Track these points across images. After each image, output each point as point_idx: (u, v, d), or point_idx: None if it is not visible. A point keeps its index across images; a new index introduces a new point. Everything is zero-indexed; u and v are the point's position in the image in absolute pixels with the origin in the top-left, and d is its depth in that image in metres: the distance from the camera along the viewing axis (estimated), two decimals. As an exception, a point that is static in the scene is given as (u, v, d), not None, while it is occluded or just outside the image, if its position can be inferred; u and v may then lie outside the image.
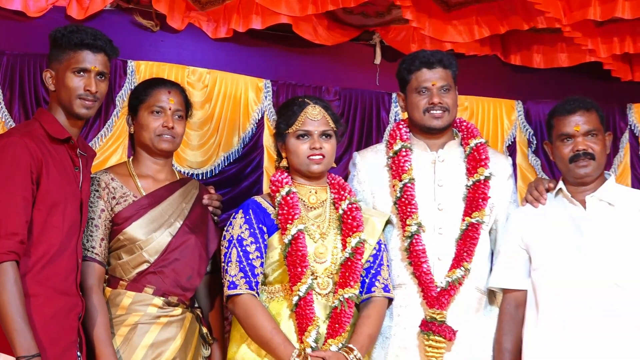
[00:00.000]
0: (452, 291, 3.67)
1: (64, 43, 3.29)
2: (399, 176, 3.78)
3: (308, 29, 4.93)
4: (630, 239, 3.62)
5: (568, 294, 3.59)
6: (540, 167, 5.38)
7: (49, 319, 3.11)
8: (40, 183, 3.13)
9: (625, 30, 4.94)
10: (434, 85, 3.78)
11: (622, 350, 3.51)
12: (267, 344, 3.42)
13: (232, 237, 3.54)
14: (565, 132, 3.68)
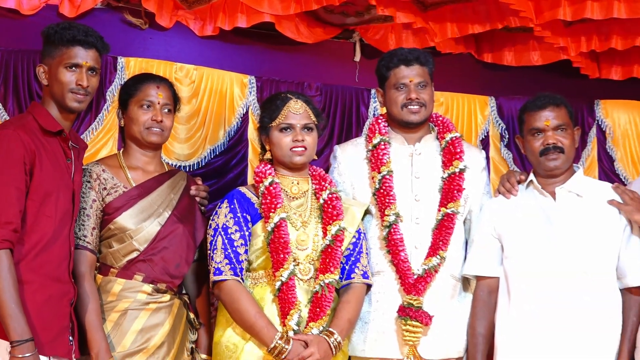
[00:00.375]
0: (428, 278, 3.68)
1: (57, 39, 3.27)
2: (378, 168, 3.79)
3: (291, 28, 4.93)
4: (598, 229, 3.64)
5: (538, 281, 3.60)
6: (512, 160, 5.39)
7: (42, 305, 3.10)
8: (33, 174, 3.12)
9: (593, 29, 4.95)
10: (412, 82, 3.78)
11: (589, 337, 3.54)
12: (251, 327, 3.43)
13: (218, 226, 3.54)
14: (535, 126, 3.69)
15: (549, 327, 3.54)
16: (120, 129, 3.74)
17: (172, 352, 3.53)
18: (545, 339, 3.54)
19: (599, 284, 3.60)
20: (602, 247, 3.63)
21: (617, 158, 5.52)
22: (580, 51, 5.06)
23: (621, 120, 5.51)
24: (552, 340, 3.53)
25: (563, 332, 3.53)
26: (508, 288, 3.68)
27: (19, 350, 2.96)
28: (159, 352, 3.48)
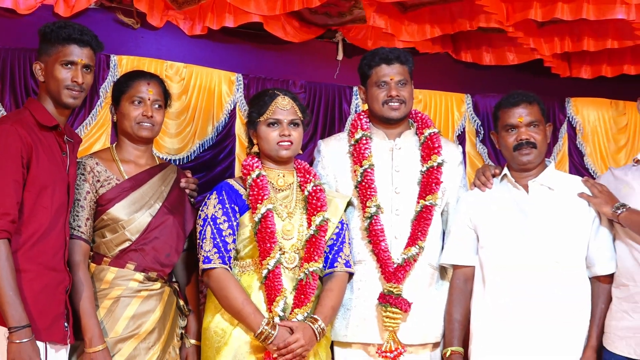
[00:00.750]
0: (407, 267, 3.69)
1: (53, 37, 3.26)
2: (360, 162, 3.79)
3: (276, 27, 4.92)
4: (569, 220, 3.66)
5: (512, 270, 3.62)
6: (487, 154, 5.41)
7: (38, 292, 3.10)
8: (30, 167, 3.11)
9: (565, 31, 4.96)
10: (392, 80, 3.79)
11: (561, 324, 3.56)
12: (239, 313, 3.43)
13: (207, 216, 3.53)
14: (509, 123, 3.70)
15: (522, 313, 3.56)
16: (113, 124, 3.73)
17: (163, 338, 3.53)
18: (519, 325, 3.55)
19: (569, 273, 3.62)
20: (572, 238, 3.65)
21: (587, 153, 5.54)
22: (553, 52, 5.07)
23: (590, 117, 5.54)
24: (525, 326, 3.55)
25: (535, 319, 3.55)
26: (483, 276, 3.69)
27: (17, 336, 2.96)
28: (150, 337, 3.48)
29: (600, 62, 5.32)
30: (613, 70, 5.34)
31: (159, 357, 3.50)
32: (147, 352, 3.47)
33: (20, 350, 2.96)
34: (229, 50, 5.05)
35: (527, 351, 3.53)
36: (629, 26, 4.66)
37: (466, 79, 5.46)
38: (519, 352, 3.54)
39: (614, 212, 3.58)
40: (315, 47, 5.22)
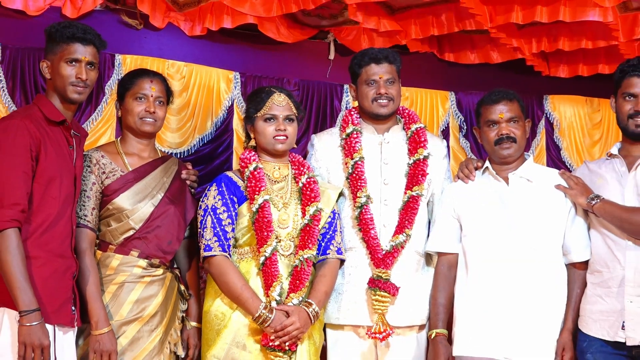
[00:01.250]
0: (395, 253, 3.70)
1: (58, 37, 3.25)
2: (351, 155, 3.80)
3: (272, 28, 4.90)
4: (546, 210, 3.67)
5: (493, 257, 3.62)
6: (469, 148, 5.40)
7: (47, 278, 3.09)
8: (39, 160, 3.11)
9: (543, 32, 4.96)
10: (381, 78, 3.79)
11: (539, 307, 3.57)
12: (237, 298, 3.43)
13: (207, 207, 3.53)
14: (491, 118, 3.70)
15: (503, 298, 3.57)
16: (118, 119, 3.72)
17: (165, 321, 3.53)
18: (499, 309, 3.56)
19: (546, 260, 3.63)
20: (549, 227, 3.66)
21: (563, 147, 5.54)
22: (531, 52, 5.07)
23: (567, 114, 5.54)
24: (506, 310, 3.55)
25: (515, 303, 3.56)
26: (466, 263, 3.69)
27: (27, 319, 2.96)
28: (153, 320, 3.48)
29: (576, 61, 5.32)
30: (589, 70, 5.34)
31: (162, 339, 3.50)
32: (150, 334, 3.47)
33: (30, 332, 2.96)
34: (227, 50, 5.03)
35: (507, 333, 3.54)
36: (603, 28, 4.67)
37: (450, 78, 5.45)
38: (499, 335, 3.54)
39: (588, 203, 3.58)
40: (308, 47, 5.20)
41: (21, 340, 2.97)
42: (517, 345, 3.53)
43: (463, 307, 3.66)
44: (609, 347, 3.55)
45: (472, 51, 5.30)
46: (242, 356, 3.46)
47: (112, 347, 3.32)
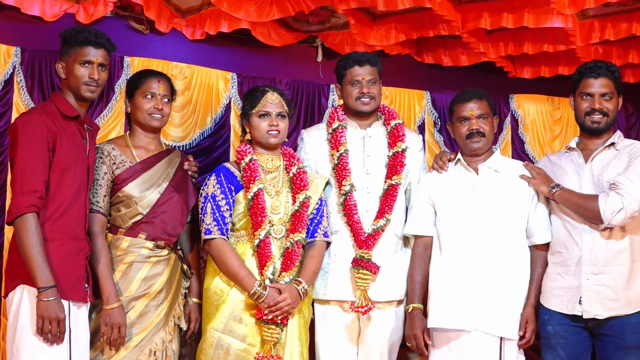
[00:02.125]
0: (376, 236, 3.70)
1: (72, 41, 3.24)
2: (337, 148, 3.79)
3: (264, 33, 4.90)
4: (511, 197, 3.68)
5: (464, 239, 3.63)
6: (443, 142, 5.41)
7: (62, 258, 3.09)
8: (55, 151, 3.10)
9: (508, 36, 4.97)
10: (364, 79, 3.78)
11: (505, 284, 3.58)
12: (235, 276, 3.44)
13: (207, 195, 3.52)
14: (463, 115, 3.71)
15: (473, 275, 3.57)
16: (127, 114, 3.70)
17: (170, 296, 3.53)
18: (470, 285, 3.56)
19: (512, 242, 3.64)
20: (514, 212, 3.66)
21: (527, 141, 5.56)
22: (499, 55, 5.08)
23: (530, 111, 5.55)
24: (475, 286, 3.56)
25: (483, 280, 3.56)
26: (440, 245, 3.69)
27: (45, 295, 2.97)
28: (159, 296, 3.48)
29: (539, 64, 5.33)
30: (550, 71, 5.35)
31: (167, 313, 3.50)
32: (156, 308, 3.47)
33: (47, 306, 2.97)
34: (225, 53, 5.02)
35: (476, 307, 3.54)
36: (563, 33, 4.68)
37: (425, 78, 5.45)
38: (469, 308, 3.54)
39: (549, 191, 3.59)
40: (298, 51, 5.20)
41: (39, 313, 2.98)
42: (485, 317, 3.53)
43: (437, 284, 3.66)
44: (567, 319, 3.57)
45: (445, 54, 5.30)
46: (238, 328, 3.46)
47: (122, 320, 3.32)
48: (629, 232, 3.51)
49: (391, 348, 3.81)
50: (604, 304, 3.48)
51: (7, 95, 4.41)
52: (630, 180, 3.40)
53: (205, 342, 3.49)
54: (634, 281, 3.49)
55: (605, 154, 3.61)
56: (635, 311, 3.48)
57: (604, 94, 3.59)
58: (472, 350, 3.53)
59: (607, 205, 3.40)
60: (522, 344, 3.60)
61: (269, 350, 3.42)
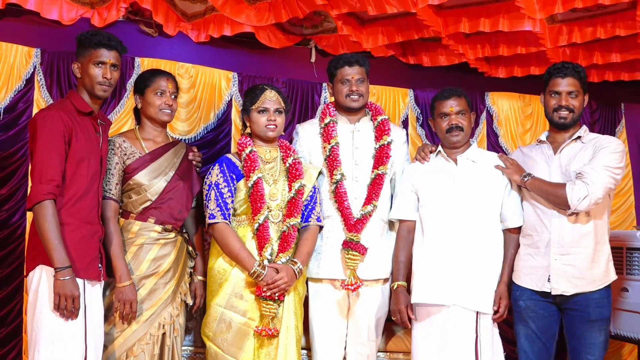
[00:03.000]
0: (364, 220, 3.70)
1: (87, 43, 3.22)
2: (328, 141, 3.78)
3: (264, 36, 4.89)
4: (487, 185, 3.68)
5: (444, 223, 3.62)
6: (424, 136, 5.40)
7: (78, 241, 3.09)
8: (70, 143, 3.09)
9: (485, 39, 4.97)
10: (353, 78, 3.76)
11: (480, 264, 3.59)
12: (236, 257, 3.43)
13: (211, 183, 3.50)
14: (443, 111, 3.69)
15: (452, 256, 3.57)
16: (135, 109, 3.67)
17: (177, 275, 3.52)
18: (449, 265, 3.56)
19: (487, 226, 3.64)
20: (490, 199, 3.66)
21: (501, 135, 5.54)
22: (477, 56, 5.07)
23: (504, 107, 5.54)
24: (454, 265, 3.56)
25: (462, 260, 3.56)
26: (422, 228, 3.69)
27: (61, 275, 2.97)
28: (167, 274, 3.47)
29: (512, 64, 5.33)
30: (522, 71, 5.35)
31: (174, 290, 3.49)
32: (164, 286, 3.46)
33: (63, 285, 2.97)
34: (226, 54, 5.00)
35: (455, 284, 3.54)
36: (534, 36, 4.67)
37: (409, 77, 5.44)
38: (449, 285, 3.54)
39: (522, 180, 3.59)
40: (294, 52, 5.18)
41: (56, 291, 2.98)
42: (463, 294, 3.53)
43: (420, 264, 3.65)
44: (537, 295, 3.59)
45: (426, 55, 5.29)
46: (239, 304, 3.46)
47: (133, 297, 3.31)
48: (593, 217, 3.51)
49: (378, 322, 3.81)
50: (570, 282, 3.50)
51: (29, 93, 4.40)
52: (594, 170, 3.42)
53: (209, 316, 3.49)
54: (597, 261, 3.51)
55: (572, 146, 3.61)
56: (598, 288, 3.50)
57: (570, 92, 3.59)
58: (451, 323, 3.53)
59: (573, 192, 3.41)
60: (496, 317, 3.61)
61: (267, 324, 3.42)
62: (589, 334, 3.51)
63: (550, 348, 3.65)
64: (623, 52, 4.94)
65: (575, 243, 3.51)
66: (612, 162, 3.45)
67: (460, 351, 3.50)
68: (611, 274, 3.55)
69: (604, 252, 3.54)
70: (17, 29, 4.40)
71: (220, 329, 3.45)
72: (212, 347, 3.47)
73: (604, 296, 3.50)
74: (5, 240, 4.30)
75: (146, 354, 3.37)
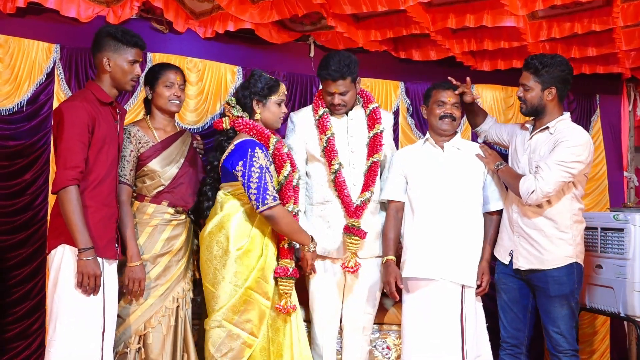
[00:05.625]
0: (364, 207, 3.72)
1: (124, 41, 3.21)
2: (324, 132, 3.73)
3: (266, 32, 4.87)
4: (470, 171, 3.74)
5: (432, 203, 3.67)
6: (414, 125, 5.39)
7: (97, 222, 3.11)
8: (93, 132, 3.10)
9: (471, 35, 4.96)
10: (336, 92, 3.68)
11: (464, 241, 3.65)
12: (298, 233, 3.41)
13: (262, 166, 3.28)
14: (441, 100, 3.74)
15: (440, 235, 3.63)
16: (145, 100, 3.69)
17: (187, 253, 3.57)
18: (437, 242, 3.62)
19: (470, 207, 3.70)
20: (472, 184, 3.73)
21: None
22: (463, 50, 5.07)
23: (488, 98, 5.53)
24: (442, 243, 3.62)
25: (449, 238, 3.62)
26: (412, 208, 3.73)
27: (84, 255, 2.99)
28: (180, 253, 3.52)
29: (496, 58, 5.31)
30: (505, 65, 5.33)
31: (185, 266, 3.54)
32: (177, 263, 3.51)
33: (86, 264, 2.99)
34: (232, 50, 4.98)
35: (443, 260, 3.60)
36: (516, 32, 4.68)
37: (400, 71, 5.42)
38: (437, 261, 3.60)
39: (495, 168, 3.69)
40: (294, 47, 5.16)
41: (79, 270, 3.00)
42: (449, 268, 3.59)
43: (410, 241, 3.70)
44: (506, 268, 3.72)
45: (416, 50, 5.30)
46: (265, 287, 3.38)
47: (142, 276, 3.35)
48: (554, 202, 3.55)
49: (373, 296, 3.84)
50: (526, 259, 3.60)
51: (49, 86, 4.39)
52: (547, 166, 3.44)
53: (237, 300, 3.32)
54: (556, 243, 3.56)
55: (540, 136, 3.64)
56: (555, 267, 3.55)
57: (523, 85, 3.65)
58: (439, 296, 3.60)
59: (523, 186, 3.48)
60: (479, 291, 3.67)
61: (287, 302, 3.40)
62: (552, 309, 3.57)
63: (524, 319, 3.73)
64: (598, 46, 4.92)
65: (533, 224, 3.58)
66: (567, 157, 3.43)
67: (447, 321, 3.57)
68: (574, 255, 3.57)
69: (566, 234, 3.56)
70: (38, 26, 4.39)
71: (247, 312, 3.33)
72: (234, 329, 3.31)
73: (563, 274, 3.54)
74: (29, 222, 4.32)
75: (163, 326, 3.41)
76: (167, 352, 3.40)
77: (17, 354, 4.30)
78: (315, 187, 3.80)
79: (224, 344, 3.31)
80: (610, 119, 5.77)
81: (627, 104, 5.79)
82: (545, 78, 3.58)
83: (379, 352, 4.03)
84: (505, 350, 3.77)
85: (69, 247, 3.05)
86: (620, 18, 4.34)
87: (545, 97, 3.60)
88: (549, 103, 3.61)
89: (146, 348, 3.37)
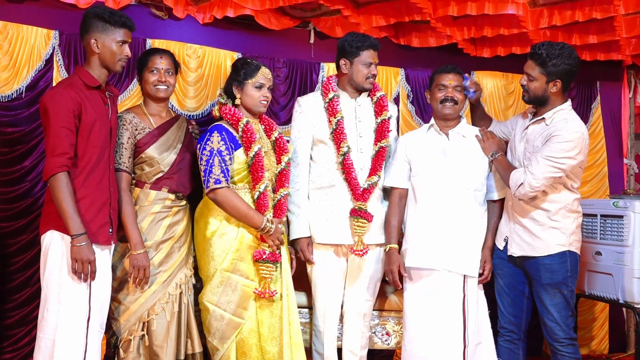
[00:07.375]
0: (371, 190, 3.66)
1: (111, 22, 3.09)
2: (334, 115, 3.67)
3: (265, 18, 4.77)
4: (475, 158, 3.66)
5: (436, 192, 3.60)
6: (415, 112, 5.33)
7: (89, 207, 3.04)
8: (81, 118, 3.00)
9: (471, 22, 4.90)
10: (374, 62, 3.69)
11: (467, 229, 3.60)
12: (246, 215, 3.34)
13: (213, 149, 3.31)
14: (442, 83, 3.64)
15: (443, 224, 3.56)
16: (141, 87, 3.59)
17: (188, 239, 3.51)
18: (440, 232, 3.55)
19: (474, 195, 3.62)
20: (476, 171, 3.64)
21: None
22: (463, 37, 5.02)
23: (488, 85, 5.46)
24: (444, 233, 3.55)
25: (451, 227, 3.55)
26: (415, 196, 3.65)
27: (77, 241, 2.93)
28: (181, 239, 3.45)
29: (496, 45, 5.24)
30: (505, 51, 5.25)
31: (187, 253, 3.48)
32: (179, 249, 3.44)
33: (80, 250, 2.94)
34: (231, 36, 4.88)
35: (445, 250, 3.54)
36: (516, 19, 4.62)
37: (401, 58, 5.33)
38: (440, 251, 3.54)
39: (490, 157, 3.62)
40: (294, 33, 5.07)
41: (73, 257, 2.94)
42: (452, 259, 3.53)
43: (413, 230, 3.63)
44: (502, 254, 3.65)
45: (417, 37, 5.24)
46: (243, 267, 3.39)
47: (146, 263, 3.27)
48: (548, 194, 3.48)
49: (374, 283, 3.80)
50: (519, 246, 3.55)
51: (48, 73, 4.31)
52: (537, 161, 3.38)
53: (212, 282, 3.39)
54: (547, 232, 3.49)
55: (536, 127, 3.55)
56: (546, 254, 3.49)
57: (527, 75, 3.53)
58: (441, 285, 3.56)
59: (513, 179, 3.43)
60: (481, 280, 3.64)
61: (266, 286, 3.36)
62: (544, 297, 3.52)
63: (521, 304, 3.67)
64: (599, 34, 4.88)
65: (526, 212, 3.51)
66: (557, 153, 3.34)
67: (449, 310, 3.52)
68: (567, 243, 3.49)
69: (559, 222, 3.49)
70: (37, 12, 4.29)
71: (226, 293, 3.36)
72: (216, 310, 3.37)
73: (555, 262, 3.47)
74: (29, 208, 4.26)
75: (166, 312, 3.34)
76: (171, 338, 3.31)
77: (17, 340, 4.25)
78: (320, 171, 3.72)
79: (211, 324, 3.38)
80: (611, 106, 5.72)
81: (627, 91, 5.76)
82: (551, 70, 3.43)
83: (378, 338, 3.99)
84: (503, 337, 3.72)
85: (57, 232, 2.98)
86: (622, 6, 4.34)
87: (549, 89, 3.48)
88: (553, 94, 3.50)
89: (150, 335, 3.30)
